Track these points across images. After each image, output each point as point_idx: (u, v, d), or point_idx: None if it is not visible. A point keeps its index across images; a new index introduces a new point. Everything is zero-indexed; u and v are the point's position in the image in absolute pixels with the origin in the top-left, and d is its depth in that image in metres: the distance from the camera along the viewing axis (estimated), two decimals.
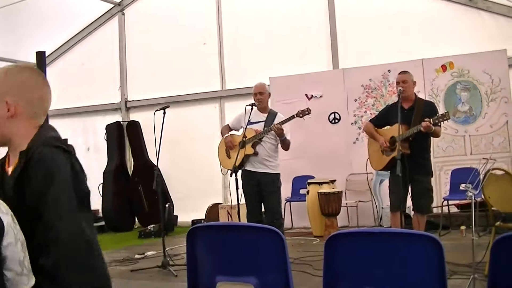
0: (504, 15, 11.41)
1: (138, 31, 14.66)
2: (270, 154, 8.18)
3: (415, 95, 7.78)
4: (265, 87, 8.51)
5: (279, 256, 3.12)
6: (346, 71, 12.19)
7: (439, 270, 2.85)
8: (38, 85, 2.62)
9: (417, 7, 12.10)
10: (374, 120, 8.17)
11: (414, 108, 7.51)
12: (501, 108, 10.95)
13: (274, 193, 8.20)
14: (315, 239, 10.32)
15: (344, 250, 3.05)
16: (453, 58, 11.35)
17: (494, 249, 2.86)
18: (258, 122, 8.20)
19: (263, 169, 8.12)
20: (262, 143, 8.13)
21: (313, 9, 12.97)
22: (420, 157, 7.44)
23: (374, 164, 8.14)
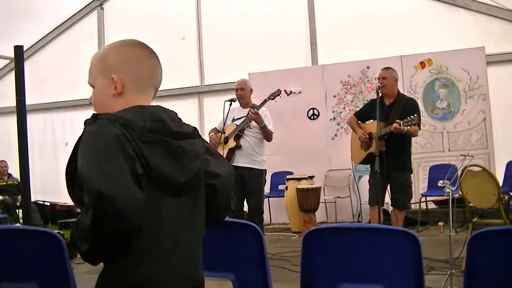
0: (482, 12, 11.46)
1: (117, 26, 14.56)
2: (254, 148, 8.15)
3: (398, 91, 7.80)
4: (246, 83, 8.52)
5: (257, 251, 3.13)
6: (325, 67, 12.20)
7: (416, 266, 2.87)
8: (145, 60, 2.49)
9: (396, 4, 12.13)
10: (358, 113, 8.21)
11: (394, 105, 7.53)
12: (478, 105, 11.02)
13: (256, 189, 8.17)
14: (294, 235, 10.33)
15: (321, 245, 3.06)
16: (432, 55, 11.40)
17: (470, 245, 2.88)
18: (241, 117, 8.21)
19: (247, 164, 8.10)
20: (245, 136, 8.11)
21: (293, 5, 12.97)
22: (398, 153, 7.47)
23: (354, 157, 8.23)
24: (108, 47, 2.49)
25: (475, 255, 2.88)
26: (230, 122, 8.26)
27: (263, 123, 8.01)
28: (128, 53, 2.45)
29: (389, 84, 7.64)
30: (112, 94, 2.35)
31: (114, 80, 2.33)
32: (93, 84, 2.45)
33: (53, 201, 13.46)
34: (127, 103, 2.31)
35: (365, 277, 2.97)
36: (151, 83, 2.47)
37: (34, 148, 14.67)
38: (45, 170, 14.19)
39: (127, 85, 2.35)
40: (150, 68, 2.48)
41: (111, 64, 2.38)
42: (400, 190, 7.55)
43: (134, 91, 2.38)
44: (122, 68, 2.37)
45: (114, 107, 2.30)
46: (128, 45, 2.51)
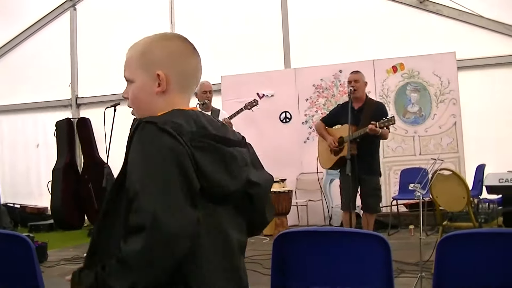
0: (453, 18, 11.56)
1: (90, 27, 14.49)
2: None
3: (366, 95, 7.84)
4: (211, 86, 8.53)
5: None
6: (297, 70, 12.22)
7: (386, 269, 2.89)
8: (190, 55, 2.38)
9: (368, 9, 12.21)
10: (325, 119, 8.21)
11: (364, 108, 7.56)
12: (449, 109, 11.10)
13: None
14: (265, 238, 10.31)
15: (292, 248, 3.07)
16: (404, 59, 11.48)
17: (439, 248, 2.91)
18: None
19: None
20: None
21: (266, 9, 12.99)
22: (368, 157, 7.52)
23: (323, 162, 8.19)
24: (149, 41, 2.40)
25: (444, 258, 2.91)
26: None
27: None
28: (173, 47, 2.36)
29: (360, 87, 7.68)
30: (156, 91, 2.25)
31: (160, 76, 2.23)
32: (132, 79, 2.32)
33: (23, 203, 13.37)
34: (169, 102, 2.23)
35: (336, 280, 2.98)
36: (194, 80, 2.40)
37: (5, 149, 14.59)
38: (15, 172, 14.11)
39: (171, 82, 2.26)
40: (194, 65, 2.39)
41: (156, 59, 2.28)
42: (371, 194, 7.59)
43: (177, 89, 2.29)
44: (167, 63, 2.27)
45: (155, 106, 2.24)
46: (172, 39, 2.43)
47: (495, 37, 11.30)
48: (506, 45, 11.24)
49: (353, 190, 7.38)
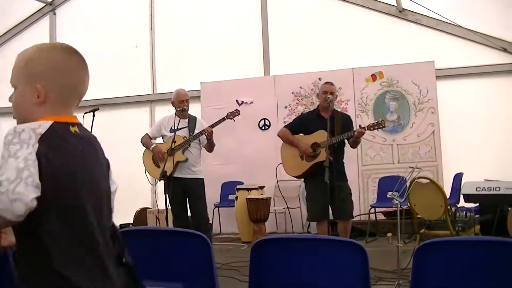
0: (432, 27, 11.63)
1: (69, 32, 14.40)
2: (196, 159, 8.20)
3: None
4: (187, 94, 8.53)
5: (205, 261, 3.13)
6: (277, 78, 12.24)
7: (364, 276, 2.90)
8: (74, 69, 2.42)
9: (348, 17, 12.26)
10: (290, 126, 8.12)
11: (334, 117, 7.56)
12: (428, 118, 11.16)
13: (200, 197, 8.19)
14: (243, 245, 10.32)
15: (270, 256, 3.07)
16: (383, 68, 11.53)
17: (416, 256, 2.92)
18: (181, 128, 8.17)
19: (190, 174, 8.12)
20: (190, 149, 8.12)
21: (246, 15, 13.00)
22: (340, 164, 7.56)
23: (290, 170, 8.05)
24: (36, 51, 2.40)
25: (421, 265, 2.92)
26: (166, 132, 8.24)
27: (212, 139, 8.06)
28: (56, 60, 2.39)
29: (334, 99, 7.71)
30: (35, 102, 2.31)
31: (39, 89, 2.29)
32: (15, 86, 2.38)
33: None
34: (48, 112, 2.30)
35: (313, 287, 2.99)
36: (77, 94, 2.46)
37: None
38: None
39: (51, 94, 2.32)
40: (78, 79, 2.44)
41: (37, 71, 2.33)
42: (347, 201, 7.58)
43: (58, 101, 2.35)
44: (48, 76, 2.32)
45: (34, 115, 2.30)
46: (59, 51, 2.45)
47: (474, 47, 11.38)
48: (484, 55, 11.32)
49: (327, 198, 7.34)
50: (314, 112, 7.81)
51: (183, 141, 8.04)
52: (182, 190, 8.10)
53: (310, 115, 7.96)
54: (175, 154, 8.03)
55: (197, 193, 8.16)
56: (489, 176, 7.92)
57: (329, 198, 7.23)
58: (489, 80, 11.32)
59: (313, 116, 7.69)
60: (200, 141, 8.19)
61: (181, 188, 8.11)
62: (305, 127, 7.79)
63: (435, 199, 7.19)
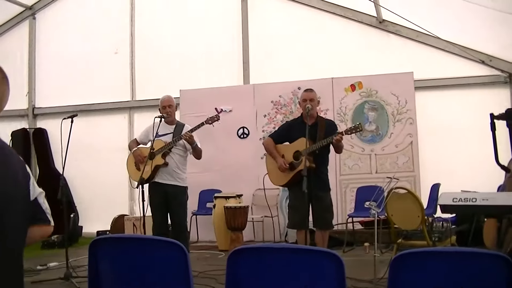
0: (412, 39, 11.70)
1: (49, 37, 14.38)
2: (179, 166, 8.16)
3: (317, 113, 7.86)
4: (173, 100, 8.50)
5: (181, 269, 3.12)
6: (256, 86, 12.27)
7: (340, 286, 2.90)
8: None
9: (328, 27, 12.31)
10: (274, 135, 8.10)
11: (317, 124, 7.57)
12: (406, 128, 11.22)
13: (180, 206, 8.17)
14: (221, 253, 10.30)
15: (246, 265, 3.07)
16: (362, 78, 11.58)
17: (393, 266, 2.93)
18: (166, 134, 8.16)
19: (171, 181, 8.10)
20: (171, 154, 8.10)
21: (227, 24, 13.03)
22: (322, 172, 7.52)
23: (275, 180, 8.03)
24: None
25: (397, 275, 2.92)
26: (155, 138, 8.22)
27: (195, 143, 8.03)
28: None
29: (315, 105, 7.69)
30: None
31: None
32: None
33: None
34: None
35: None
36: None
37: None
38: None
39: None
40: None
41: None
42: (326, 211, 7.57)
43: None
44: None
45: None
46: None
47: (452, 59, 11.46)
48: (463, 67, 11.41)
49: (307, 207, 7.34)
50: (298, 119, 7.80)
51: (163, 145, 8.04)
52: (162, 196, 8.08)
53: (293, 123, 7.95)
54: (155, 158, 8.02)
55: (177, 201, 8.14)
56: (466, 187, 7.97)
57: (308, 207, 7.24)
58: (467, 92, 11.40)
59: (297, 124, 7.69)
60: (185, 148, 8.18)
61: (161, 194, 8.09)
62: (289, 135, 7.78)
63: (412, 210, 7.23)
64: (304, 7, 12.54)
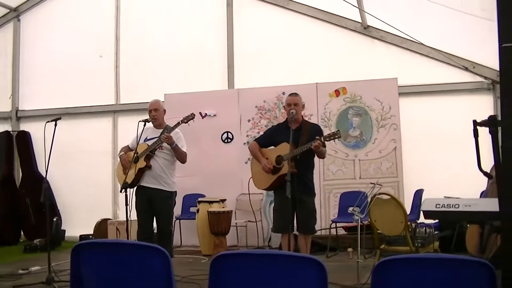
0: (396, 45, 11.73)
1: (34, 39, 14.32)
2: (164, 170, 8.15)
3: (302, 117, 7.87)
4: (160, 104, 8.51)
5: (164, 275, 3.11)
6: (241, 91, 12.26)
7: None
8: None
9: (313, 32, 12.32)
10: (259, 139, 8.12)
11: (302, 128, 7.58)
12: (390, 134, 11.24)
13: (164, 211, 8.17)
14: (204, 258, 10.28)
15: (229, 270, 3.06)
16: (347, 83, 11.60)
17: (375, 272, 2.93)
18: (153, 138, 8.17)
19: (155, 185, 8.09)
20: (156, 157, 8.09)
21: (212, 28, 13.01)
22: (305, 177, 7.50)
23: (258, 183, 8.05)
24: None
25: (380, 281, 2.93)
26: (143, 142, 8.21)
27: (175, 144, 8.02)
28: None
29: (300, 110, 7.69)
30: None
31: None
32: None
33: None
34: None
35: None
36: None
37: None
38: None
39: None
40: None
41: None
42: (309, 216, 7.57)
43: None
44: None
45: None
46: None
47: (436, 65, 11.50)
48: (446, 73, 11.44)
49: (292, 211, 7.35)
50: (283, 124, 7.81)
51: (146, 148, 8.03)
52: (147, 200, 8.08)
53: (278, 127, 7.96)
54: (138, 161, 8.02)
55: (162, 206, 8.14)
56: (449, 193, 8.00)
57: (291, 211, 7.25)
58: (450, 98, 11.43)
59: (281, 128, 7.69)
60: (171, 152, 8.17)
61: (146, 197, 8.09)
62: (274, 140, 7.78)
63: (396, 215, 7.25)
64: (290, 12, 12.55)
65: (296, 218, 7.52)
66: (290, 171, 6.92)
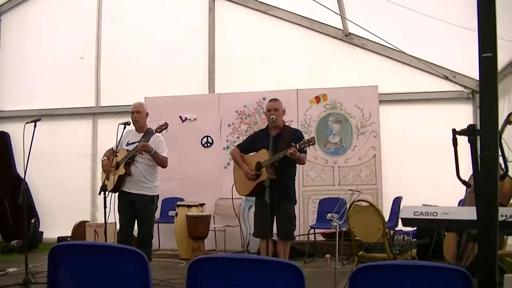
0: (377, 52, 11.78)
1: (14, 39, 14.22)
2: (144, 175, 8.17)
3: (283, 122, 7.88)
4: (142, 107, 8.51)
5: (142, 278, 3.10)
6: (221, 96, 12.25)
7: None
8: None
9: (295, 38, 12.35)
10: (241, 145, 8.19)
11: (282, 134, 7.60)
12: (370, 141, 11.27)
13: (145, 215, 8.20)
14: (182, 262, 10.26)
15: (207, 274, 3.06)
16: (327, 90, 11.62)
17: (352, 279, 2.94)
18: (135, 142, 8.17)
19: (137, 190, 8.11)
20: (136, 163, 8.11)
21: (193, 33, 12.99)
22: (285, 183, 7.54)
23: (239, 190, 8.09)
24: None
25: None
26: (124, 146, 8.21)
27: (153, 150, 8.03)
28: None
29: (280, 115, 7.71)
30: None
31: None
32: None
33: None
34: None
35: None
36: None
37: None
38: None
39: None
40: None
41: None
42: (287, 222, 7.60)
43: None
44: None
45: None
46: None
47: (417, 74, 11.56)
48: (427, 82, 11.50)
49: (270, 216, 7.37)
50: (264, 130, 7.83)
51: (125, 155, 8.02)
52: (128, 205, 8.10)
53: (260, 134, 7.99)
54: (119, 168, 8.02)
55: (142, 210, 8.17)
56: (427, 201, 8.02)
57: (269, 217, 7.27)
58: (430, 107, 11.50)
59: (263, 134, 7.72)
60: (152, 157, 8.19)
61: (127, 202, 8.10)
62: (255, 146, 7.80)
63: (374, 222, 7.26)
64: (271, 18, 12.57)
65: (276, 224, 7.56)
66: (268, 177, 6.95)
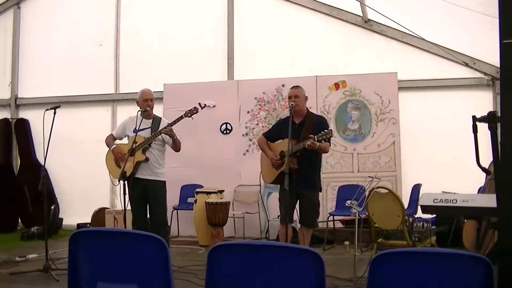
0: (397, 39, 11.71)
1: (34, 27, 14.26)
2: (158, 161, 8.17)
3: (307, 109, 7.85)
4: (153, 95, 8.49)
5: (161, 264, 3.12)
6: (240, 82, 12.25)
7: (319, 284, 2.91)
8: None
9: (314, 25, 12.29)
10: (266, 133, 8.20)
11: (305, 122, 7.57)
12: (389, 128, 11.24)
13: (159, 200, 8.18)
14: (201, 248, 10.29)
15: (226, 261, 3.07)
16: (346, 77, 11.59)
17: (372, 266, 2.94)
18: (144, 129, 8.14)
19: (151, 176, 8.10)
20: (151, 149, 8.09)
21: (212, 20, 12.96)
22: (308, 172, 7.51)
23: (265, 176, 8.13)
24: None
25: (376, 275, 2.94)
26: (131, 133, 8.21)
27: (175, 136, 8.03)
28: None
29: (301, 102, 7.67)
30: None
31: None
32: None
33: None
34: None
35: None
36: None
37: None
38: None
39: None
40: None
41: None
42: (309, 209, 7.58)
43: None
44: None
45: None
46: None
47: (436, 60, 11.48)
48: (446, 69, 11.43)
49: (291, 204, 7.38)
50: (288, 118, 7.81)
51: (143, 141, 8.02)
52: (142, 191, 8.08)
53: (284, 122, 7.93)
54: (135, 154, 8.00)
55: (157, 195, 8.15)
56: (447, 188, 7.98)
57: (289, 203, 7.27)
58: (450, 94, 11.43)
59: (286, 122, 7.68)
60: (164, 142, 8.19)
61: (141, 189, 8.08)
62: (279, 134, 7.79)
63: (393, 209, 7.25)
64: (290, 4, 12.52)
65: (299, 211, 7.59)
66: (287, 165, 6.95)
